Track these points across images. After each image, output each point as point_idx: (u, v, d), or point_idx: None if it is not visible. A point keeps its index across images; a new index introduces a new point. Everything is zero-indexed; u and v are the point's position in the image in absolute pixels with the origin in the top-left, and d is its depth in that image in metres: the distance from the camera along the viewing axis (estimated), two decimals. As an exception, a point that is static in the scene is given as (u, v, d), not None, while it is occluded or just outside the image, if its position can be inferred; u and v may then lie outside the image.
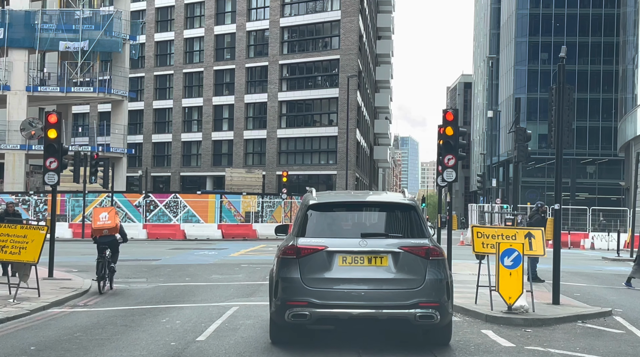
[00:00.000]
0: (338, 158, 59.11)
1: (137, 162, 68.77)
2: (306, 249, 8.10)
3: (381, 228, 8.53)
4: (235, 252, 26.06)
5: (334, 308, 7.96)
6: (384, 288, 8.03)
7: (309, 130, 61.05)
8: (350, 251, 8.07)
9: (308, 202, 8.76)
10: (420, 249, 8.12)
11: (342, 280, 8.03)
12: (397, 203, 8.79)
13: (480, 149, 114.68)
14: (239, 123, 63.73)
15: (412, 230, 8.34)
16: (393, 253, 8.06)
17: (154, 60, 68.19)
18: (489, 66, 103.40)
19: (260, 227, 42.32)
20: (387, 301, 7.98)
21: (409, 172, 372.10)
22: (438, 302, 8.05)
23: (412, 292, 7.99)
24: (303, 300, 7.97)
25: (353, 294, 7.99)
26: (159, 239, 39.10)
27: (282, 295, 8.15)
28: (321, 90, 60.81)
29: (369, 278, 8.03)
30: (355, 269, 8.05)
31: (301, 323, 8.13)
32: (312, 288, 8.01)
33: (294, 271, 8.07)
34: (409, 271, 8.06)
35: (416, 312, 7.97)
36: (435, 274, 8.11)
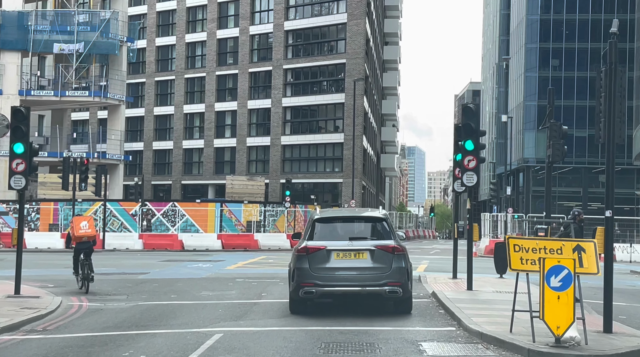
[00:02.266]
0: (344, 166, 57.02)
1: (137, 170, 66.82)
2: (312, 248, 12.00)
3: (363, 234, 12.51)
4: (232, 265, 23.97)
5: (331, 287, 11.91)
6: (365, 273, 11.89)
7: (314, 137, 59.05)
8: (342, 249, 11.96)
9: (314, 217, 12.88)
10: (388, 247, 11.99)
11: (336, 268, 11.90)
12: (374, 217, 13.06)
13: (490, 158, 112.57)
14: (241, 130, 61.78)
15: (383, 235, 12.31)
16: (370, 250, 11.96)
17: (154, 66, 66.36)
18: (502, 69, 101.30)
19: (262, 238, 40.25)
20: (367, 282, 11.87)
21: (415, 181, 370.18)
22: (401, 282, 11.94)
23: (383, 276, 11.83)
24: (311, 282, 11.83)
25: (344, 277, 11.90)
26: (156, 249, 37.13)
27: (297, 279, 12.04)
28: (327, 95, 58.83)
29: (354, 267, 11.94)
30: (345, 261, 11.92)
31: (310, 297, 12.09)
32: (316, 274, 11.86)
33: (305, 262, 11.94)
34: (380, 262, 11.90)
35: (386, 289, 11.82)
36: (399, 263, 11.99)
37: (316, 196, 54.64)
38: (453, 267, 19.03)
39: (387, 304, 12.72)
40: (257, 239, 39.98)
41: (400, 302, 12.47)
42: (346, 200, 54.56)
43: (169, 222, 41.63)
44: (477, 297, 14.35)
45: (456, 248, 19.35)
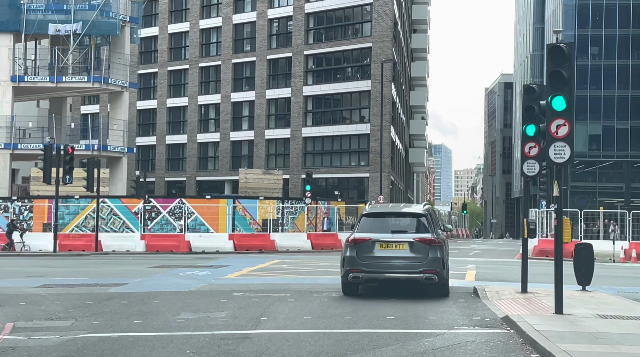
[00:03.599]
0: (370, 159, 52.31)
1: (150, 166, 62.77)
2: (360, 239, 13.78)
3: (404, 227, 14.08)
4: (236, 272, 19.44)
5: (375, 273, 13.76)
6: (404, 262, 13.64)
7: (337, 128, 54.40)
8: (385, 240, 13.70)
9: (362, 212, 14.71)
10: (425, 240, 13.62)
11: (380, 257, 13.70)
12: (414, 212, 14.41)
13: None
14: (259, 121, 57.33)
15: (422, 229, 13.86)
16: (409, 242, 13.66)
17: (167, 54, 62.16)
18: (537, 59, 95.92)
19: (280, 238, 35.77)
20: (406, 269, 13.63)
21: (441, 180, 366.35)
22: (436, 270, 13.55)
23: (420, 264, 13.53)
24: (358, 268, 13.69)
25: (386, 265, 13.71)
26: (160, 252, 32.94)
27: (346, 266, 13.85)
28: (351, 83, 54.13)
29: (395, 256, 13.68)
30: (387, 251, 13.69)
31: (357, 282, 14.01)
32: (362, 262, 13.68)
33: (353, 252, 13.76)
34: (418, 252, 13.56)
35: (422, 276, 13.53)
36: (434, 253, 13.57)
37: (340, 193, 50.00)
38: (522, 277, 14.30)
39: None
40: (274, 239, 35.51)
41: (438, 289, 13.95)
42: (373, 196, 49.83)
43: (175, 220, 37.30)
44: (582, 328, 9.61)
45: (526, 251, 14.61)
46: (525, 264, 14.20)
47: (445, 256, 13.83)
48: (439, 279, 13.50)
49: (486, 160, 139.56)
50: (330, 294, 14.40)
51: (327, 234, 38.41)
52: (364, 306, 12.68)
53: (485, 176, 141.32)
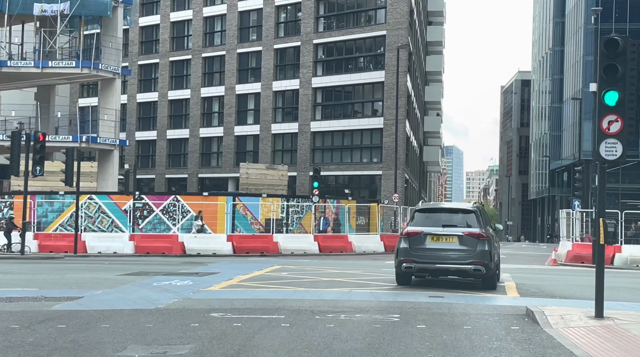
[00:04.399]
0: (384, 155, 48.75)
1: (151, 162, 59.52)
2: (412, 232, 14.59)
3: (454, 222, 14.76)
4: (224, 282, 15.97)
5: (426, 264, 14.47)
6: (454, 254, 14.37)
7: (348, 122, 50.89)
8: (436, 233, 14.48)
9: (415, 208, 16.01)
10: (474, 234, 14.36)
11: (431, 249, 14.44)
12: (464, 209, 15.36)
13: (540, 154, 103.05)
14: (266, 115, 53.90)
15: (471, 224, 14.59)
16: (458, 235, 14.41)
17: (169, 44, 58.83)
18: (557, 54, 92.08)
19: (284, 239, 32.29)
20: (456, 261, 14.34)
21: (453, 181, 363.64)
22: (484, 262, 14.27)
23: (469, 256, 14.27)
24: (410, 259, 14.45)
25: (437, 256, 14.40)
26: (150, 254, 29.71)
27: (400, 256, 14.65)
28: (364, 73, 50.59)
29: (445, 248, 14.41)
30: (438, 244, 14.47)
31: (410, 272, 14.78)
32: (415, 253, 14.43)
33: (406, 243, 14.58)
34: (467, 245, 14.34)
35: (471, 267, 14.25)
36: (482, 247, 14.31)
37: (351, 191, 46.49)
38: (597, 296, 10.67)
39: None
40: (277, 241, 32.05)
41: (485, 279, 14.79)
42: (386, 195, 46.32)
43: (170, 219, 33.92)
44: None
45: (602, 262, 10.96)
46: (601, 278, 10.56)
47: (493, 250, 14.66)
48: (486, 270, 14.36)
49: (501, 161, 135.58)
50: (338, 316, 10.89)
51: (337, 235, 34.92)
52: (387, 335, 9.16)
53: (501, 177, 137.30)
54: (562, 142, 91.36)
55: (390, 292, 14.30)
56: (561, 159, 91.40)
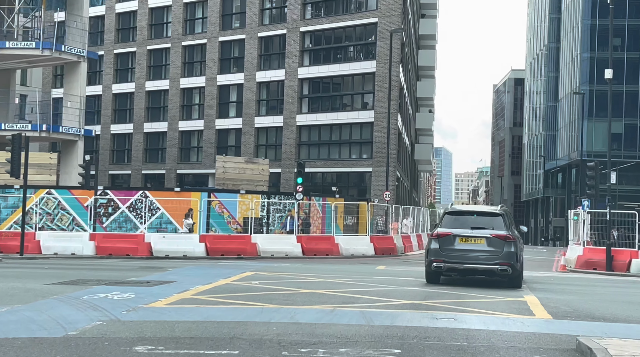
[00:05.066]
0: (374, 151, 45.57)
1: (127, 158, 56.10)
2: (442, 233, 15.36)
3: (482, 224, 15.41)
4: (175, 294, 12.69)
5: (455, 264, 15.18)
6: (482, 254, 15.08)
7: (337, 115, 47.68)
8: (465, 235, 15.26)
9: (445, 211, 16.37)
10: (501, 236, 15.08)
11: (459, 250, 15.15)
12: (492, 212, 15.90)
13: (533, 154, 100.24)
14: (249, 108, 50.61)
15: (498, 226, 15.28)
16: (486, 237, 15.13)
17: (147, 32, 55.39)
18: (552, 51, 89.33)
19: (264, 240, 28.99)
20: (483, 261, 15.06)
21: (442, 183, 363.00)
22: (510, 263, 14.98)
23: (496, 257, 14.96)
24: (440, 259, 15.21)
25: (465, 256, 15.13)
26: (113, 255, 26.44)
27: (430, 256, 15.42)
28: (354, 63, 47.38)
29: (473, 249, 15.13)
30: (466, 245, 15.20)
31: (439, 271, 15.49)
32: (444, 253, 15.19)
33: (436, 244, 15.35)
34: (494, 246, 15.02)
35: (498, 267, 14.96)
36: (509, 248, 15.00)
37: (339, 189, 43.31)
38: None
39: None
40: (256, 242, 28.74)
41: (511, 279, 15.38)
42: (376, 194, 43.16)
43: (137, 217, 30.59)
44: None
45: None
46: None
47: (519, 252, 15.39)
48: (512, 270, 15.05)
49: (493, 162, 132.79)
50: (314, 352, 7.67)
51: (322, 237, 31.69)
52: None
53: (492, 178, 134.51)
54: (557, 142, 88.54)
55: (386, 311, 11.09)
56: (556, 159, 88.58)
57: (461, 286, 15.53)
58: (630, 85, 75.36)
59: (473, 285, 15.72)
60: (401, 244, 34.00)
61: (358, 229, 34.80)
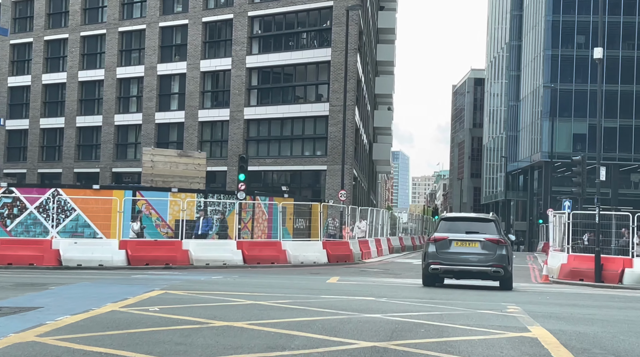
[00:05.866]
0: (329, 147, 41.52)
1: (57, 154, 51.10)
2: (439, 238, 16.31)
3: (476, 229, 16.47)
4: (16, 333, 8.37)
5: (451, 266, 16.14)
6: (476, 257, 16.10)
7: (288, 108, 43.55)
8: (460, 239, 16.22)
9: (441, 217, 17.74)
10: (494, 240, 16.13)
11: (455, 253, 16.16)
12: (485, 218, 17.25)
13: (494, 156, 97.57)
14: (192, 100, 46.14)
15: (491, 231, 16.36)
16: (480, 241, 16.12)
17: (80, 17, 50.48)
18: (514, 49, 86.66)
19: (197, 247, 24.68)
20: (477, 263, 16.04)
21: (399, 186, 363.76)
22: (502, 265, 16.01)
23: (489, 260, 15.98)
24: (437, 262, 16.11)
25: (460, 259, 16.13)
26: (12, 265, 22.06)
27: (427, 260, 16.30)
28: (307, 51, 43.30)
29: (468, 252, 16.18)
30: (462, 248, 16.21)
31: (436, 273, 16.42)
32: (441, 256, 16.15)
33: (433, 248, 16.29)
34: (488, 250, 16.08)
35: (491, 269, 15.99)
36: (501, 251, 16.08)
37: (289, 188, 39.17)
38: None
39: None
40: (188, 249, 24.43)
41: (503, 281, 16.56)
42: (331, 194, 39.09)
43: (48, 220, 25.94)
44: None
45: None
46: None
47: (510, 255, 16.49)
48: (504, 272, 16.18)
49: (452, 164, 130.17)
50: None
51: (267, 242, 27.45)
52: None
53: (451, 181, 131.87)
54: (519, 143, 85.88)
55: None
56: (517, 161, 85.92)
57: (442, 302, 11.50)
58: (595, 85, 72.80)
59: (458, 302, 11.72)
60: (358, 250, 29.95)
61: (311, 233, 30.70)
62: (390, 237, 39.18)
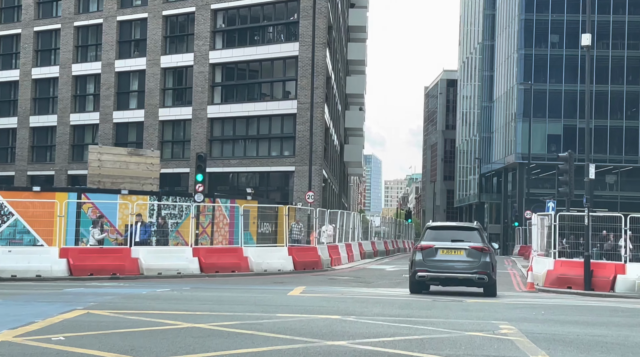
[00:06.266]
0: (297, 147, 39.29)
1: (10, 157, 48.20)
2: (425, 246, 16.68)
3: (461, 237, 16.91)
4: None
5: (437, 273, 16.51)
6: (461, 265, 16.49)
7: (254, 106, 41.25)
8: (446, 247, 16.59)
9: (427, 226, 17.68)
10: (478, 248, 16.55)
11: (441, 260, 16.53)
12: (469, 226, 17.75)
13: (467, 158, 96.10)
14: (152, 98, 43.64)
15: (476, 239, 16.83)
16: (465, 249, 16.51)
17: (33, 10, 47.69)
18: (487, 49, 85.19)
19: (149, 255, 22.33)
20: (463, 270, 16.44)
21: (371, 190, 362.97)
22: (487, 272, 16.40)
23: (474, 267, 16.39)
24: (423, 269, 16.51)
25: (446, 267, 16.51)
26: None
27: (414, 267, 16.71)
28: (273, 46, 41.01)
29: (454, 260, 16.53)
30: (447, 256, 16.56)
31: (422, 280, 16.72)
32: (427, 264, 16.51)
33: (420, 256, 16.63)
34: (472, 257, 16.48)
35: (476, 276, 16.32)
36: (485, 259, 16.48)
37: (254, 190, 36.87)
38: None
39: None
40: (139, 257, 22.04)
41: (487, 287, 16.83)
42: (300, 197, 36.86)
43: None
44: None
45: None
46: None
47: (494, 262, 16.86)
48: (488, 279, 16.48)
49: (425, 167, 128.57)
50: None
51: (227, 249, 25.14)
52: None
53: (424, 183, 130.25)
54: (493, 144, 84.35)
55: None
56: (491, 162, 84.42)
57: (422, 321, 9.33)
58: (569, 84, 71.53)
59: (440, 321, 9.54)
60: (327, 256, 27.74)
61: (277, 238, 28.43)
62: (362, 242, 37.06)
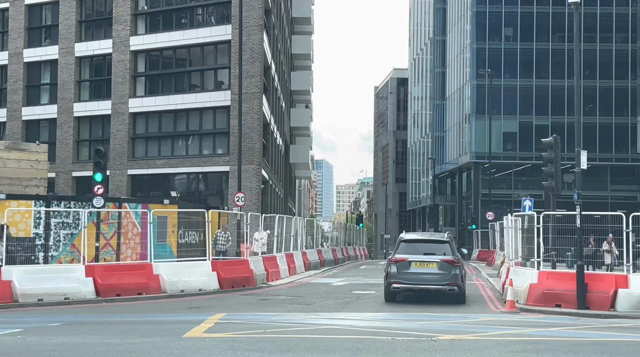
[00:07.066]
0: (231, 144, 34.44)
1: None
2: (399, 259, 17.79)
3: (433, 250, 18.08)
4: None
5: (410, 284, 17.64)
6: (433, 277, 17.61)
7: (182, 98, 36.30)
8: (419, 260, 17.77)
9: (401, 239, 18.75)
10: (449, 260, 17.70)
11: (414, 273, 17.66)
12: (441, 240, 18.84)
13: (419, 160, 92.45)
14: (66, 91, 38.36)
15: (447, 252, 17.97)
16: (437, 262, 17.68)
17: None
18: (438, 45, 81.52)
19: (24, 276, 17.37)
20: (434, 282, 17.57)
21: (323, 195, 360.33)
22: (457, 284, 17.57)
23: (445, 279, 17.51)
24: (397, 281, 17.63)
25: (419, 279, 17.61)
26: None
27: (389, 279, 17.77)
28: (203, 29, 36.13)
29: (426, 272, 17.67)
30: (420, 268, 17.71)
31: (397, 291, 17.93)
32: (401, 276, 17.61)
33: (394, 268, 17.75)
34: (444, 270, 17.60)
35: (447, 288, 17.51)
36: (455, 271, 17.63)
37: (179, 194, 31.93)
38: None
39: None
40: (12, 279, 16.99)
41: (457, 297, 17.84)
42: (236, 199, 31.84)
43: None
44: None
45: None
46: None
47: (463, 273, 18.20)
48: (458, 290, 17.64)
49: (376, 169, 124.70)
50: None
51: (133, 265, 20.17)
52: None
53: (376, 187, 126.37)
54: (446, 144, 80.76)
55: None
56: (444, 163, 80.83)
57: None
58: (525, 79, 68.27)
59: None
60: (262, 270, 23.02)
61: (206, 250, 23.56)
62: (307, 251, 32.45)
